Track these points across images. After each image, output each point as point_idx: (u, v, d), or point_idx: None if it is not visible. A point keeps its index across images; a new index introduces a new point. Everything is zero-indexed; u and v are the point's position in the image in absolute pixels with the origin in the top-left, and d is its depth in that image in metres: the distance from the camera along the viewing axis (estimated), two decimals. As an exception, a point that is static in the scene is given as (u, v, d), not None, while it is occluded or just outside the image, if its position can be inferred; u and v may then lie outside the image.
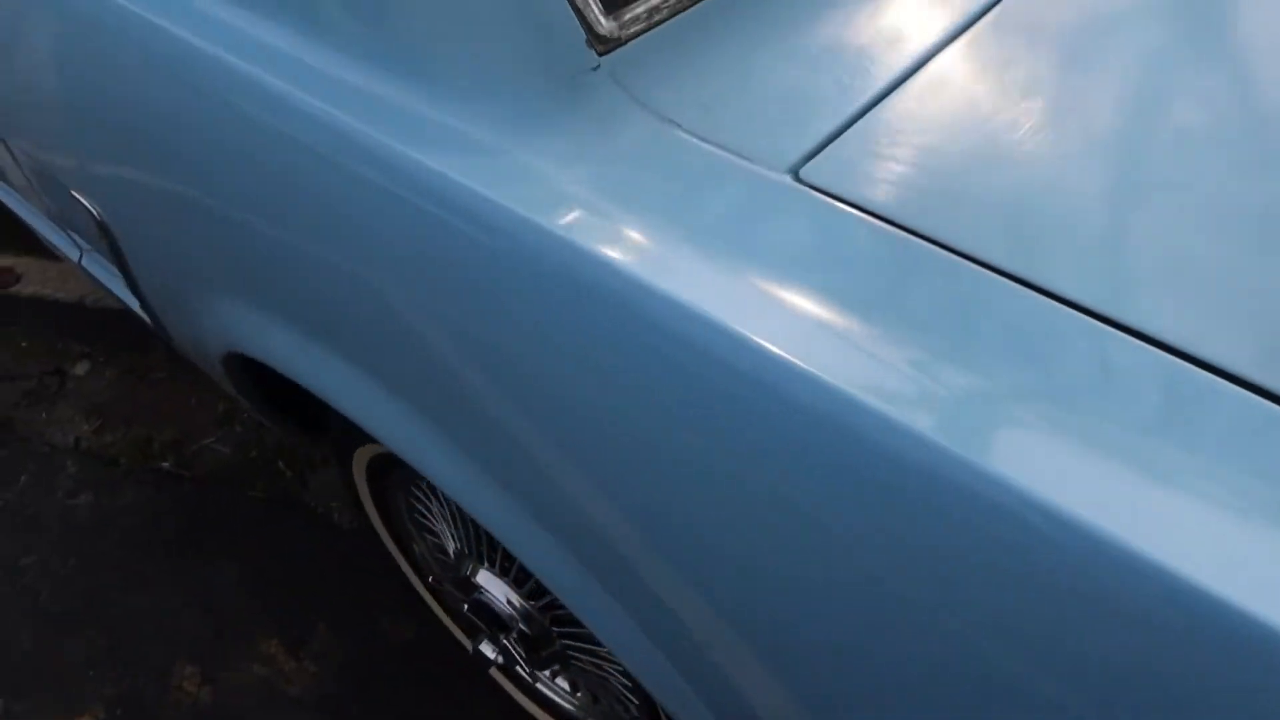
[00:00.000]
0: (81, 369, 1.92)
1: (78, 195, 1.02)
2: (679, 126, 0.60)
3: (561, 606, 1.00)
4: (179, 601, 1.51)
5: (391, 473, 1.15)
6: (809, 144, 0.59)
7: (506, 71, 0.61)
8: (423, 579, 1.31)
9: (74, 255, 1.38)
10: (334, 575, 1.54)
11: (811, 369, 0.48)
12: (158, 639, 1.47)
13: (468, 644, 1.21)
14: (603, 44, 0.62)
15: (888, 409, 0.46)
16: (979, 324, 0.49)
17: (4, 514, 1.67)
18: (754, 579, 0.57)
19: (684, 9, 0.65)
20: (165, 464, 1.73)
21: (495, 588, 1.07)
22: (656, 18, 0.64)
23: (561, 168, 0.59)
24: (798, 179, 0.57)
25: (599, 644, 1.01)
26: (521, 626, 1.06)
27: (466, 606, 1.09)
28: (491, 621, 1.07)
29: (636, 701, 1.04)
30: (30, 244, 2.16)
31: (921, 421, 0.45)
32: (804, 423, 0.49)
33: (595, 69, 0.62)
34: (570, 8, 0.61)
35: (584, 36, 0.61)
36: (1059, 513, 0.41)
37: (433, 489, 1.09)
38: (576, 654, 1.07)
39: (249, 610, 1.49)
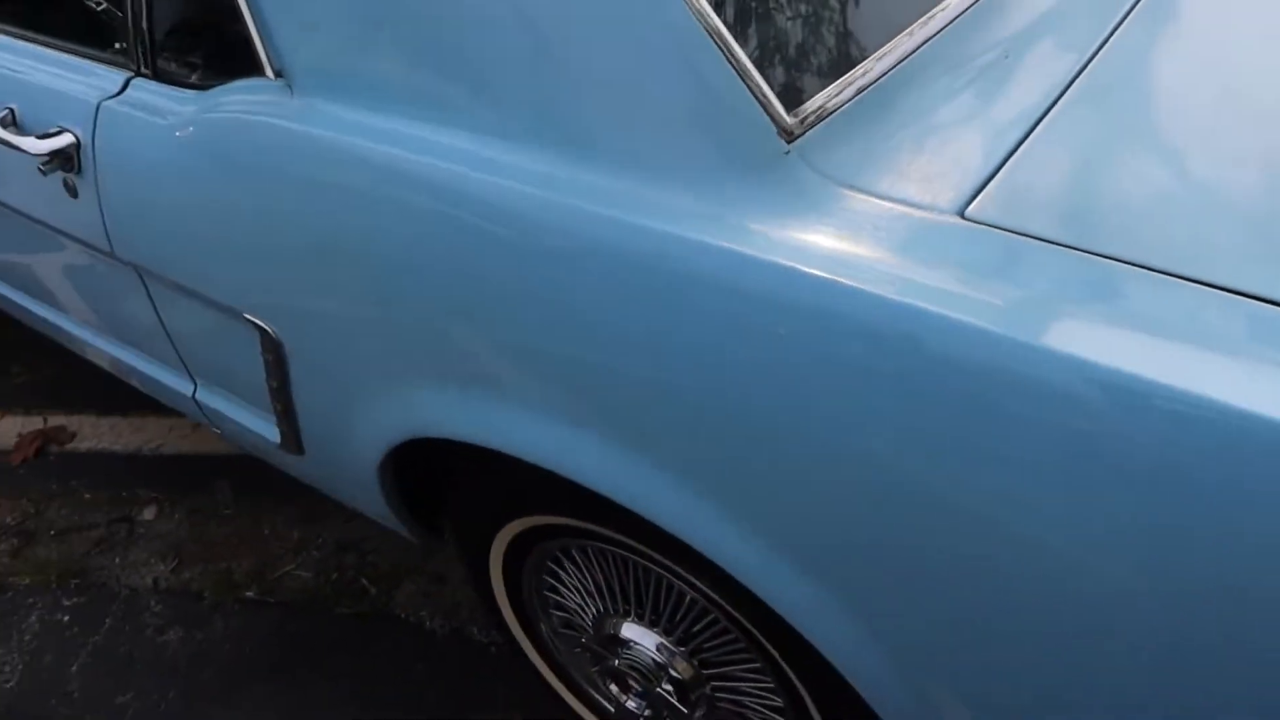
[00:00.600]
0: (149, 514, 1.98)
1: (251, 317, 1.15)
2: (860, 190, 0.78)
3: (706, 650, 1.11)
4: None
5: (530, 553, 1.26)
6: (970, 187, 0.77)
7: (730, 164, 0.79)
8: (547, 661, 1.39)
9: (187, 389, 1.49)
10: (432, 680, 1.60)
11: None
12: (275, 755, 1.51)
13: (609, 706, 1.30)
14: (789, 136, 0.80)
15: None
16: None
17: (95, 656, 1.71)
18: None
19: (845, 104, 0.84)
20: (249, 593, 1.79)
21: (644, 638, 1.18)
22: (826, 111, 0.83)
23: (802, 234, 0.75)
24: (963, 217, 0.75)
25: (744, 681, 1.13)
26: (673, 672, 1.16)
27: (616, 662, 1.20)
28: (642, 671, 1.17)
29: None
30: (78, 403, 2.25)
31: None
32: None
33: (786, 154, 0.80)
34: (765, 116, 0.80)
35: (775, 131, 0.80)
36: None
37: (573, 560, 1.20)
38: (723, 693, 1.17)
39: (360, 720, 1.55)
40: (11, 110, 1.26)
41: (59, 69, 1.27)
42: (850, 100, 0.85)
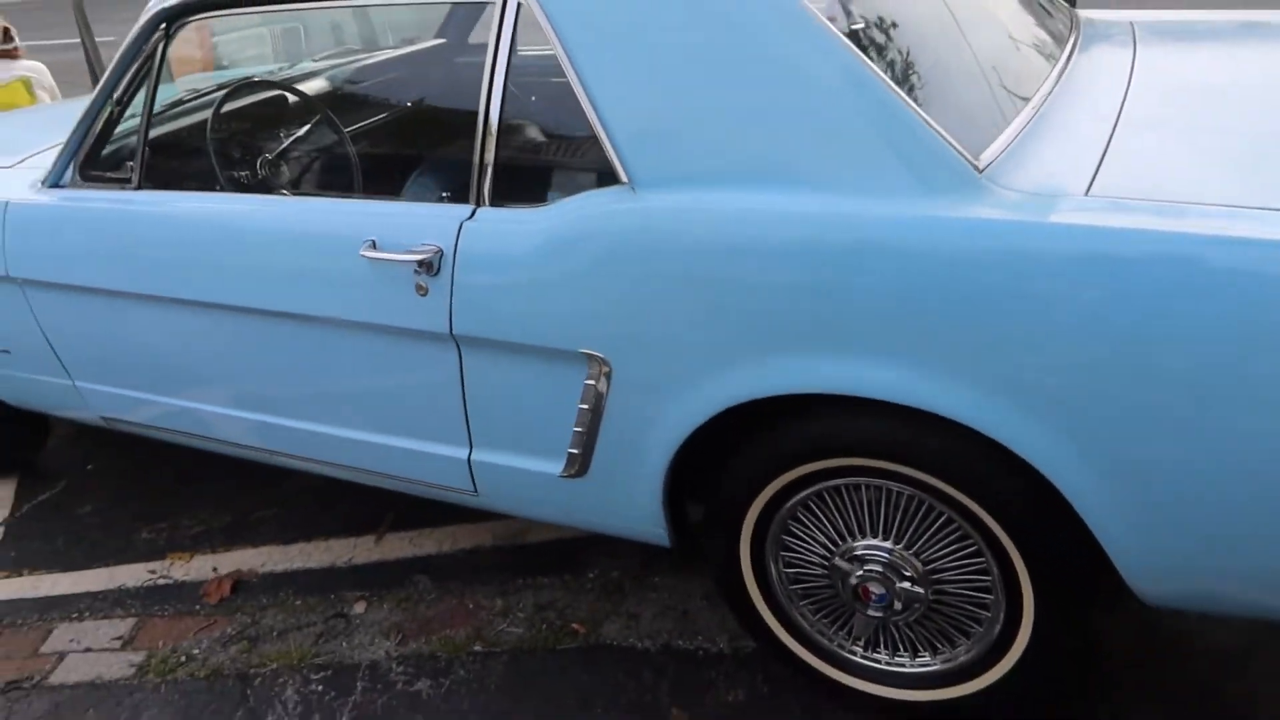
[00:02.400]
0: (359, 608, 2.32)
1: (587, 350, 1.65)
2: (1023, 191, 1.40)
3: (926, 551, 1.61)
4: None
5: (772, 521, 1.73)
6: (1087, 182, 1.40)
7: (970, 186, 1.40)
8: (773, 609, 1.82)
9: (462, 454, 1.94)
10: (659, 679, 1.98)
11: None
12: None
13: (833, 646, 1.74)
14: (980, 169, 1.43)
15: None
16: None
17: (359, 712, 2.01)
18: None
19: (1003, 150, 1.48)
20: (476, 647, 2.14)
21: (877, 550, 1.65)
22: (997, 150, 1.46)
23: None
24: (1089, 194, 1.37)
25: (959, 570, 1.61)
26: (904, 570, 1.63)
27: (858, 575, 1.66)
28: (881, 573, 1.64)
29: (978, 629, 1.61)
30: (260, 539, 2.60)
31: None
32: None
33: (983, 172, 1.42)
34: (968, 166, 1.42)
35: (975, 170, 1.42)
36: None
37: (808, 513, 1.69)
38: (943, 584, 1.64)
39: None
40: (373, 241, 1.79)
41: (406, 211, 1.81)
42: (1006, 148, 1.49)
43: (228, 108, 2.32)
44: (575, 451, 1.79)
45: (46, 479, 3.00)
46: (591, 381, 1.69)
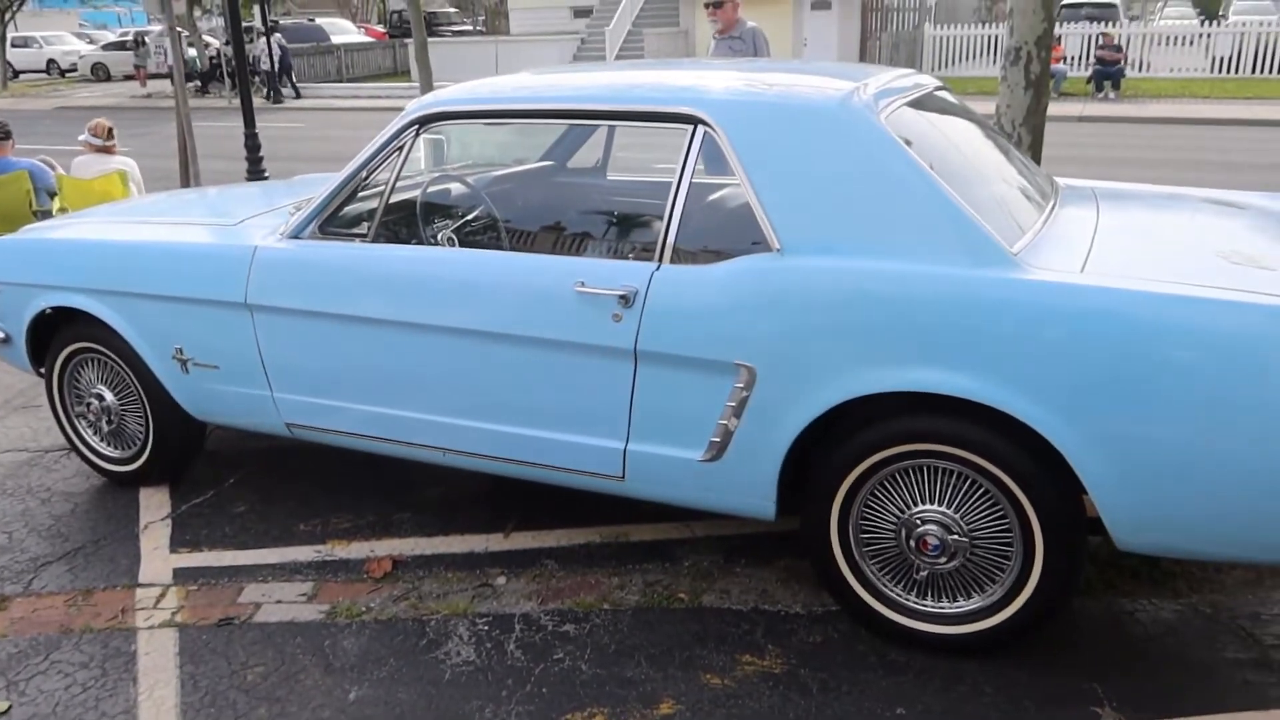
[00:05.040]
0: (501, 580, 2.92)
1: (741, 362, 2.40)
2: (1041, 267, 2.23)
3: (969, 516, 2.34)
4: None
5: (857, 495, 2.45)
6: (1080, 264, 2.24)
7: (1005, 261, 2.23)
8: (849, 564, 2.51)
9: (618, 445, 2.63)
10: (755, 625, 2.62)
11: None
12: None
13: (894, 594, 2.44)
14: (1014, 255, 2.26)
15: None
16: None
17: (523, 645, 2.60)
18: None
19: (1029, 241, 2.32)
20: (606, 606, 2.76)
21: (935, 510, 2.38)
22: (1020, 246, 2.30)
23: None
24: (1083, 271, 2.21)
25: (992, 529, 2.35)
26: (956, 533, 2.36)
27: (921, 529, 2.38)
28: (940, 526, 2.36)
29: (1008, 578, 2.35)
30: (405, 533, 3.19)
31: None
32: None
33: (1015, 255, 2.25)
34: (1006, 252, 2.25)
35: (1010, 254, 2.25)
36: None
37: (882, 489, 2.42)
38: (980, 539, 2.36)
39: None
40: (583, 281, 2.54)
41: (605, 263, 2.57)
42: (1025, 246, 2.32)
43: (451, 195, 3.11)
44: (716, 440, 2.50)
45: (196, 488, 3.55)
46: (740, 385, 2.42)
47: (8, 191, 6.13)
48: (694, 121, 2.52)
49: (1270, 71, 18.44)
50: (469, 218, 3.14)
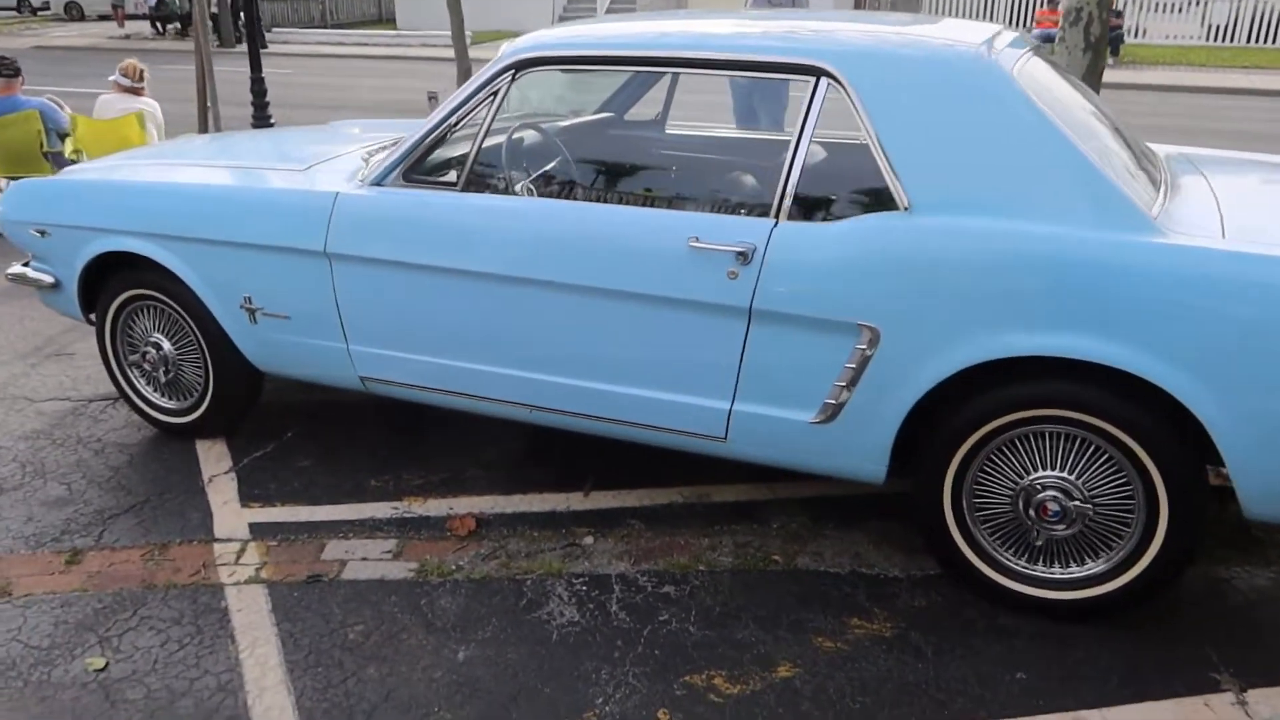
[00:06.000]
0: (589, 540, 2.87)
1: (863, 322, 2.35)
2: (1186, 234, 2.18)
3: (1089, 480, 2.32)
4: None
5: (969, 467, 2.42)
6: (1219, 230, 2.21)
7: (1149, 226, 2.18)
8: (962, 531, 2.48)
9: (724, 406, 2.58)
10: (855, 590, 2.60)
11: None
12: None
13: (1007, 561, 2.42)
14: (1154, 219, 2.21)
15: None
16: None
17: (625, 606, 2.57)
18: None
19: (1160, 212, 2.27)
20: (701, 567, 2.72)
21: (1055, 475, 2.35)
22: (1155, 212, 2.25)
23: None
24: (1224, 237, 2.17)
25: (1112, 495, 2.32)
26: (1077, 498, 2.33)
27: (1042, 495, 2.35)
28: (1060, 492, 2.33)
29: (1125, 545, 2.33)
30: (479, 490, 3.15)
31: None
32: None
33: (1155, 220, 2.20)
34: (1147, 216, 2.21)
35: (1151, 219, 2.20)
36: None
37: (994, 460, 2.38)
38: (1100, 505, 2.34)
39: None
40: (696, 236, 2.47)
41: (720, 219, 2.50)
42: (1159, 213, 2.27)
43: (544, 144, 3.00)
44: (831, 402, 2.46)
45: (254, 441, 3.47)
46: (862, 346, 2.37)
47: (18, 131, 5.92)
48: (818, 73, 2.44)
49: (1267, 41, 18.48)
50: (565, 168, 3.04)
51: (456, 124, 2.82)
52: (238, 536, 2.89)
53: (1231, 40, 18.67)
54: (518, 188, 2.88)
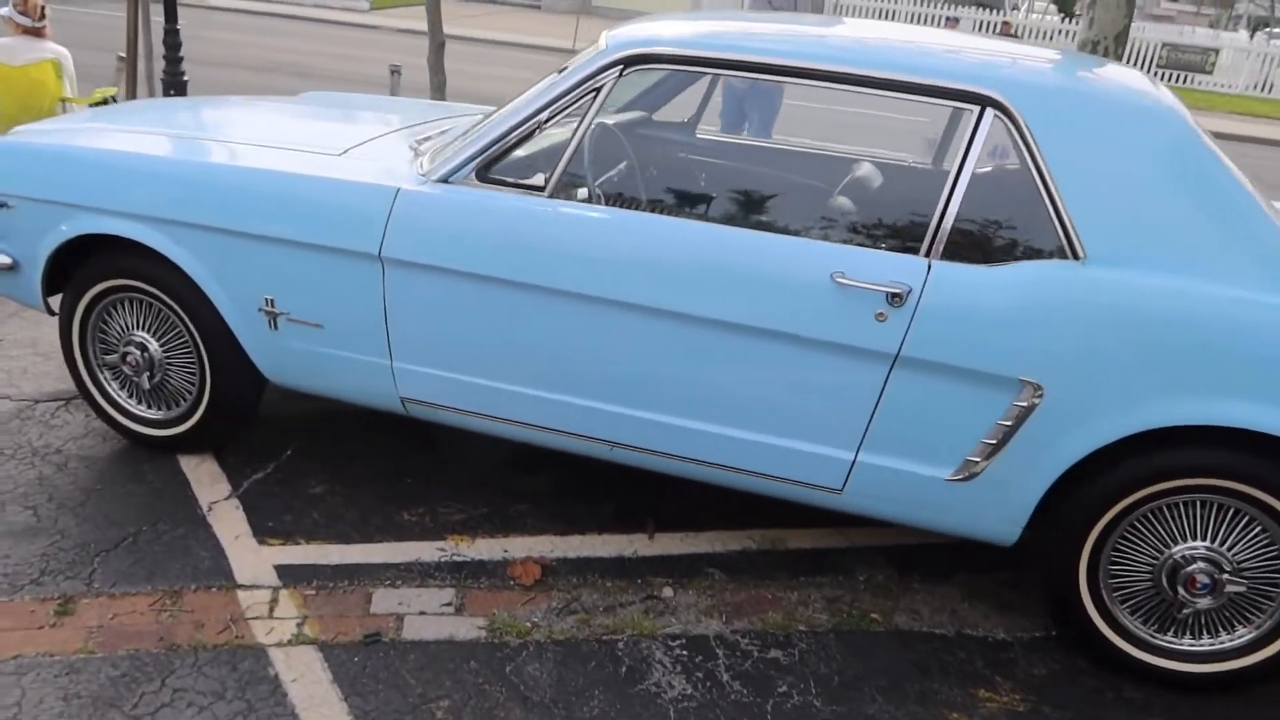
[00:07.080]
0: (668, 592, 2.60)
1: (1025, 378, 2.16)
2: None
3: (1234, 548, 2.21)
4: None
5: (1107, 541, 2.28)
6: None
7: None
8: (1096, 602, 2.35)
9: (846, 457, 2.36)
10: (958, 648, 2.44)
11: None
12: (933, 695, 2.25)
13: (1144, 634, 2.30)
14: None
15: None
16: None
17: (733, 672, 2.32)
18: None
19: None
20: (801, 627, 2.50)
21: (1201, 546, 2.24)
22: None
23: None
24: None
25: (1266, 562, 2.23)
26: (1226, 568, 2.23)
27: (1190, 569, 2.23)
28: (1210, 564, 2.22)
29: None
30: (530, 529, 2.85)
31: None
32: None
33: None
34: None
35: None
36: None
37: (1132, 531, 2.25)
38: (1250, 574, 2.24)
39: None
40: (843, 272, 2.23)
41: (869, 254, 2.26)
42: None
43: (649, 151, 2.66)
44: (975, 459, 2.27)
45: (249, 459, 3.02)
46: (1022, 403, 2.19)
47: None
48: (985, 102, 2.24)
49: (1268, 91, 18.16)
50: (674, 180, 2.73)
51: (548, 120, 2.48)
52: (264, 582, 2.47)
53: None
54: (620, 198, 2.55)
